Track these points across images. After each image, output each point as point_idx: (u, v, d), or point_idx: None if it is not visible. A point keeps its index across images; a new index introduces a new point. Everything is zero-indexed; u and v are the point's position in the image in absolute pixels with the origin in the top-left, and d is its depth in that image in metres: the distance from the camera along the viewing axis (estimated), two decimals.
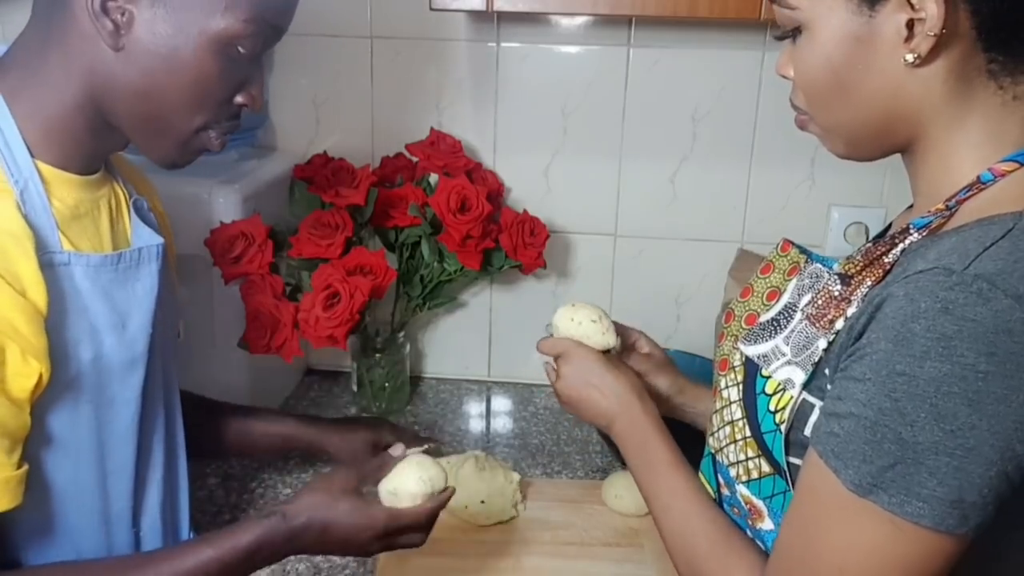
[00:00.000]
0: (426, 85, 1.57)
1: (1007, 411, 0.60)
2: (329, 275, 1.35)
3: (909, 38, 0.68)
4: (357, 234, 1.45)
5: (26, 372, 0.77)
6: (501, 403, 1.66)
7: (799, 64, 0.75)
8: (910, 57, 0.68)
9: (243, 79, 0.86)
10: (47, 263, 0.79)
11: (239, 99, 0.87)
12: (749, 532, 0.85)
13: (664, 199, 1.60)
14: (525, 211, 1.53)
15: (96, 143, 0.87)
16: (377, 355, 1.56)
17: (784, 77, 0.78)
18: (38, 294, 0.77)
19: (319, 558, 1.17)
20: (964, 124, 0.70)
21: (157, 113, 0.84)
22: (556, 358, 1.04)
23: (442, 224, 1.44)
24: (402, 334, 1.58)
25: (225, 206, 1.34)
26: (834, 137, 0.77)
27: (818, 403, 0.73)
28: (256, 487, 1.34)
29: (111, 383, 0.87)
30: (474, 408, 1.64)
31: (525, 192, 1.61)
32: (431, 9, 1.24)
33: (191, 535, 1.03)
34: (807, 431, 0.74)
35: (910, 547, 0.63)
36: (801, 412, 0.74)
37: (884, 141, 0.75)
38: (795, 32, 0.75)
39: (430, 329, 1.71)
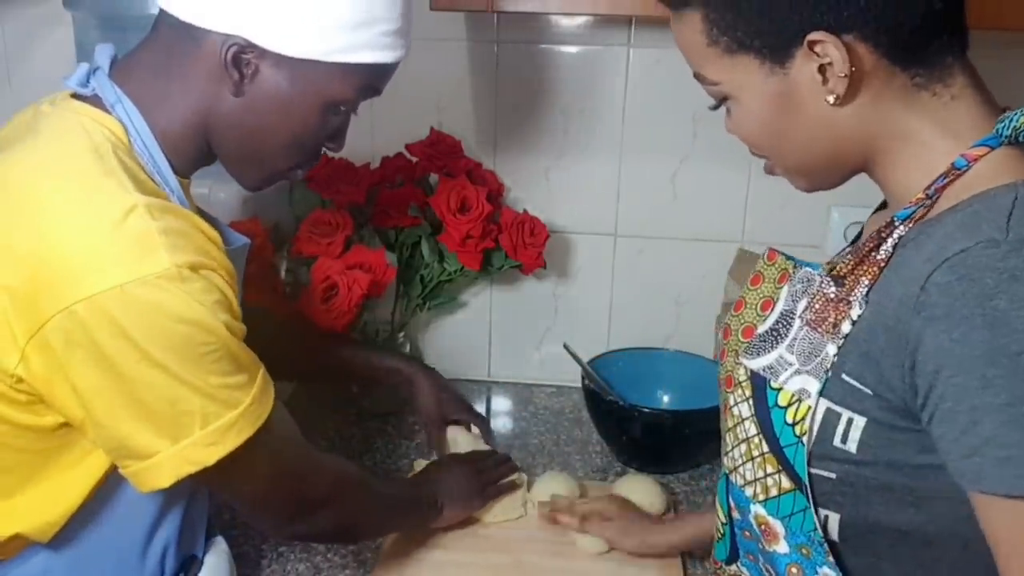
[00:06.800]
0: (426, 85, 1.56)
1: None
2: (328, 268, 1.35)
3: (825, 81, 0.72)
4: (357, 233, 1.45)
5: None
6: (501, 403, 1.66)
7: (739, 128, 0.80)
8: (831, 99, 0.72)
9: (336, 130, 0.95)
10: None
11: (328, 145, 0.96)
12: (760, 557, 0.83)
13: (664, 199, 1.59)
14: (525, 211, 1.53)
15: (197, 158, 0.93)
16: None
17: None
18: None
19: (319, 558, 1.18)
20: (913, 134, 0.74)
21: (259, 153, 0.93)
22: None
23: (442, 224, 1.44)
24: (402, 334, 1.58)
25: (225, 205, 1.34)
26: (796, 177, 0.82)
27: (847, 412, 0.71)
28: None
29: None
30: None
31: (525, 192, 1.61)
32: (431, 9, 1.24)
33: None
34: (836, 442, 0.72)
35: None
36: (827, 422, 0.73)
37: (841, 170, 0.80)
38: (724, 101, 0.80)
39: (430, 329, 1.71)
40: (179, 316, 0.77)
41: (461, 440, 1.32)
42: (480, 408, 1.64)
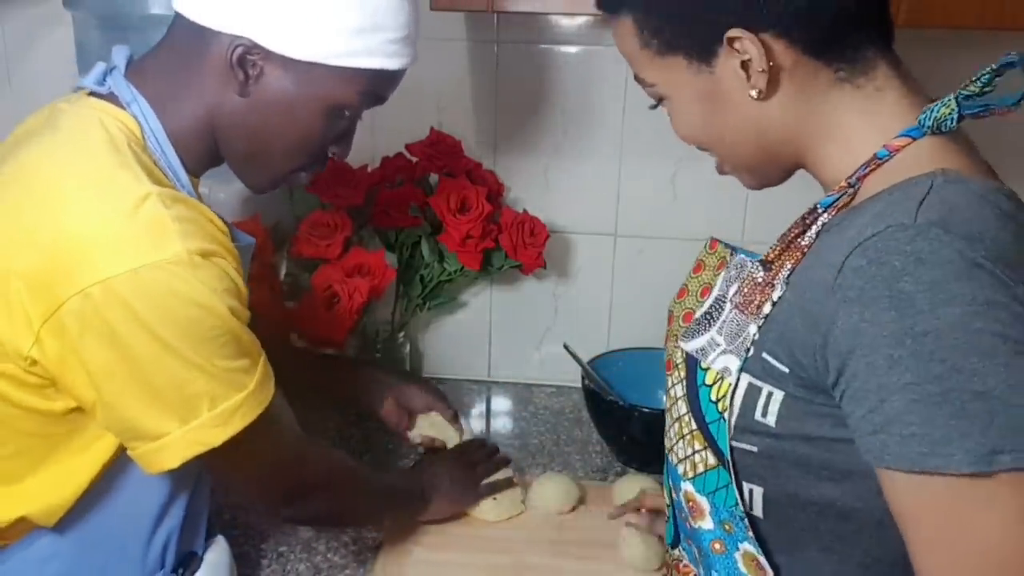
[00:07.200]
0: (426, 85, 1.57)
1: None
2: (328, 276, 1.35)
3: (748, 77, 0.75)
4: (357, 234, 1.45)
5: None
6: (501, 403, 1.67)
7: (677, 126, 0.84)
8: (754, 93, 0.75)
9: (341, 134, 0.97)
10: None
11: (333, 149, 0.98)
12: (686, 533, 0.85)
13: (664, 199, 1.59)
14: (525, 211, 1.53)
15: (207, 157, 0.95)
16: (377, 355, 1.56)
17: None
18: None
19: (318, 558, 1.18)
20: (840, 126, 0.76)
21: (263, 153, 0.94)
22: None
23: (442, 224, 1.44)
24: (402, 334, 1.58)
25: (225, 206, 1.34)
26: (740, 173, 0.85)
27: (766, 387, 0.73)
28: None
29: None
30: (474, 408, 1.64)
31: (525, 192, 1.61)
32: (431, 9, 1.24)
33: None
34: (757, 416, 0.74)
35: None
36: (749, 396, 0.75)
37: (779, 166, 0.82)
38: (662, 101, 0.84)
39: (430, 329, 1.71)
40: (189, 300, 0.80)
41: (433, 421, 1.34)
42: (480, 408, 1.65)
